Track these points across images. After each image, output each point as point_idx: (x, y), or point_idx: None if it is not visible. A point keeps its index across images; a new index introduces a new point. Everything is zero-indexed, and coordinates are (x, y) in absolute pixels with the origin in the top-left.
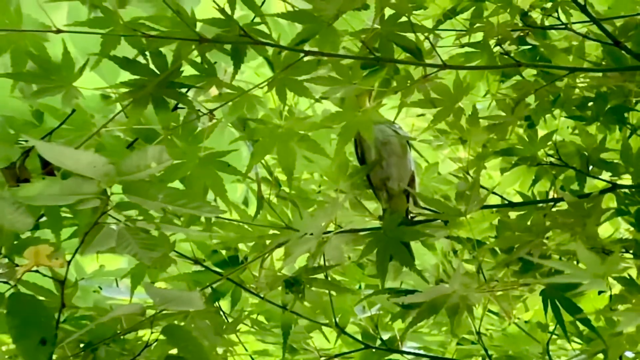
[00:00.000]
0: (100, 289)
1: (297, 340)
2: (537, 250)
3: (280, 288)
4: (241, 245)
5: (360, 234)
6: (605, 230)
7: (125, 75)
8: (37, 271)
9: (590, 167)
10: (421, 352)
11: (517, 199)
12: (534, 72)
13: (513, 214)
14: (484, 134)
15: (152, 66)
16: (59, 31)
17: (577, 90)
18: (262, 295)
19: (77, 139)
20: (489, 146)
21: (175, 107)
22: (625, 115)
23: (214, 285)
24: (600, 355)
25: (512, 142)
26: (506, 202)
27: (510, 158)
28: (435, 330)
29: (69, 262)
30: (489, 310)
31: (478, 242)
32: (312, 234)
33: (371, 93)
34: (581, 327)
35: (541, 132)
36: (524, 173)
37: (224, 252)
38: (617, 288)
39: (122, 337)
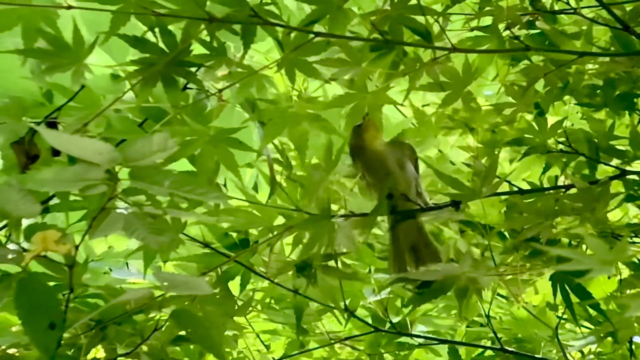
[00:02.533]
0: (110, 270)
1: (308, 322)
2: (546, 232)
3: (290, 273)
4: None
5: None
6: (613, 216)
7: (135, 55)
8: (45, 256)
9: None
10: (430, 335)
11: (527, 187)
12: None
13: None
14: (491, 118)
15: (161, 44)
16: (69, 7)
17: (585, 77)
18: (272, 279)
19: (86, 117)
20: (498, 133)
21: (185, 87)
22: (635, 101)
23: (224, 268)
24: (609, 339)
25: (521, 130)
26: (516, 189)
27: (520, 148)
28: (444, 314)
29: (77, 247)
30: (498, 294)
31: (487, 226)
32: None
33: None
34: (590, 310)
35: (550, 118)
36: (534, 162)
37: (234, 235)
38: (626, 272)
39: (132, 317)
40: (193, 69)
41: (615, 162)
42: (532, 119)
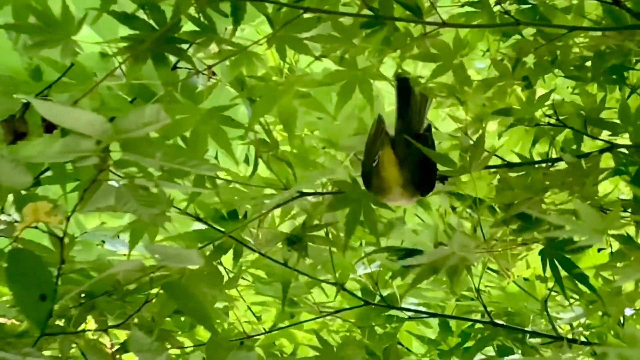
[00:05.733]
0: (104, 242)
1: (297, 295)
2: (536, 207)
3: (280, 244)
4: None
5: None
6: (604, 189)
7: (124, 33)
8: (36, 227)
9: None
10: (421, 308)
11: (516, 160)
12: (534, 31)
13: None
14: (480, 94)
15: (151, 21)
16: None
17: (576, 50)
18: (262, 252)
19: (77, 92)
20: (488, 106)
21: (175, 66)
22: (625, 74)
23: (216, 243)
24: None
25: (509, 103)
26: (505, 163)
27: (508, 119)
28: (435, 287)
29: (68, 218)
30: (488, 268)
31: (477, 200)
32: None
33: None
34: (580, 285)
35: (540, 92)
36: (522, 134)
37: (223, 210)
38: (616, 246)
39: (123, 289)
40: (184, 46)
41: (604, 134)
42: (521, 92)
